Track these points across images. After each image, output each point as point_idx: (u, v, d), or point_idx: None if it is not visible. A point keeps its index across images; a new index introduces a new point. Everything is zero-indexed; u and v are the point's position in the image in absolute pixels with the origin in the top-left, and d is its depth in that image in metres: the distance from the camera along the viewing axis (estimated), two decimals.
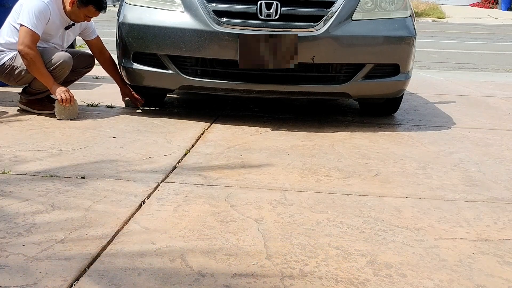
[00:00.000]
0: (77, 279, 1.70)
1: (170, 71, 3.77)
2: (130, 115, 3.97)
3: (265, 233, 2.08)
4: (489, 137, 3.72)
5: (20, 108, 3.93)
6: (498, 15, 20.19)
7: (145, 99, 4.22)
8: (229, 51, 3.61)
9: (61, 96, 3.67)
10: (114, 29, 4.07)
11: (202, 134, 3.53)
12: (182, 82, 3.78)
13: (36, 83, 3.75)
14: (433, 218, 2.30)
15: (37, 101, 3.89)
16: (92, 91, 4.92)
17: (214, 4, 3.66)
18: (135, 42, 3.82)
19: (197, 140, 3.38)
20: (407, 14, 3.88)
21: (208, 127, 3.72)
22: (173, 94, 4.87)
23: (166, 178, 2.66)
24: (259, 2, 3.60)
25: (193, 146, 3.25)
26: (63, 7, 3.76)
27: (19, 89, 3.98)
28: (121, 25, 3.89)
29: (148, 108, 4.24)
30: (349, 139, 3.55)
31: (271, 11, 3.60)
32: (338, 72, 3.79)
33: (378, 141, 3.53)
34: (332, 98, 4.82)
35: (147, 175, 2.68)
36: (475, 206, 2.46)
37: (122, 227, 2.09)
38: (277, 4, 3.60)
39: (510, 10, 22.32)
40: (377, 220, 2.25)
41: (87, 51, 4.22)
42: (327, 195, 2.52)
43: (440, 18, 18.62)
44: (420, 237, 2.11)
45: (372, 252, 1.96)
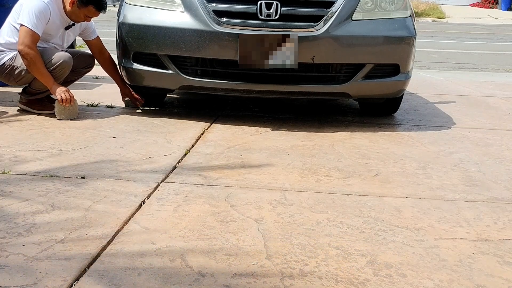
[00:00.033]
0: (77, 279, 1.70)
1: (170, 71, 3.77)
2: (130, 115, 3.97)
3: (265, 233, 2.08)
4: (489, 137, 3.72)
5: (20, 108, 3.93)
6: (498, 15, 20.19)
7: (145, 99, 4.22)
8: (229, 51, 3.61)
9: (61, 96, 3.67)
10: (114, 29, 4.07)
11: (202, 134, 3.53)
12: (182, 82, 3.78)
13: (36, 83, 3.75)
14: (433, 218, 2.30)
15: (37, 101, 3.89)
16: (92, 91, 4.92)
17: (214, 4, 3.66)
18: (135, 42, 3.82)
19: (197, 140, 3.38)
20: (407, 14, 3.88)
21: (208, 127, 3.72)
22: (173, 94, 4.87)
23: (166, 178, 2.66)
24: (259, 2, 3.61)
25: (193, 146, 3.25)
26: (63, 7, 3.76)
27: (19, 89, 3.98)
28: (121, 25, 3.89)
29: (148, 108, 4.24)
30: (349, 139, 3.55)
31: (271, 11, 3.60)
32: (338, 72, 3.79)
33: (378, 141, 3.53)
34: (332, 98, 4.82)
35: (147, 175, 2.68)
36: (475, 206, 2.46)
37: (122, 227, 2.09)
38: (277, 4, 3.60)
39: (510, 10, 22.31)
40: (377, 220, 2.25)
41: (87, 51, 4.22)
42: (327, 195, 2.52)
43: (440, 18, 18.62)
44: (420, 237, 2.11)
45: (372, 252, 1.96)
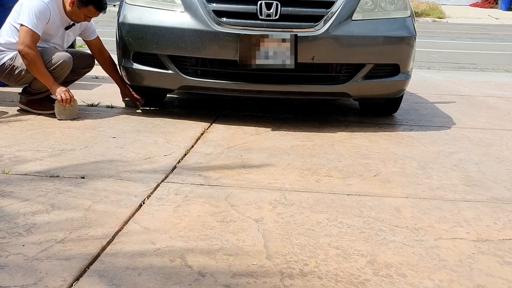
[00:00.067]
0: (77, 279, 1.70)
1: (170, 71, 3.77)
2: (130, 115, 3.97)
3: (265, 233, 2.08)
4: (489, 137, 3.72)
5: (20, 108, 3.93)
6: (498, 15, 20.18)
7: (145, 99, 4.22)
8: (229, 51, 3.61)
9: (61, 96, 3.67)
10: (114, 29, 4.07)
11: (202, 134, 3.53)
12: (182, 82, 3.78)
13: (36, 83, 3.75)
14: (433, 218, 2.30)
15: (37, 101, 3.89)
16: (92, 91, 4.92)
17: (214, 4, 3.66)
18: (135, 42, 3.82)
19: (197, 140, 3.38)
20: (407, 14, 3.88)
21: (208, 127, 3.72)
22: (173, 94, 4.87)
23: (166, 178, 2.66)
24: (259, 2, 3.61)
25: (193, 146, 3.25)
26: (63, 7, 3.76)
27: (19, 89, 3.98)
28: (121, 25, 3.89)
29: (148, 108, 4.24)
30: (349, 139, 3.55)
31: (271, 11, 3.60)
32: (338, 72, 3.79)
33: (378, 141, 3.53)
34: (332, 98, 4.82)
35: (147, 175, 2.68)
36: (475, 206, 2.46)
37: (122, 227, 2.08)
38: (277, 4, 3.60)
39: (510, 10, 22.31)
40: (377, 220, 2.25)
41: (87, 51, 4.22)
42: (327, 195, 2.52)
43: (440, 18, 18.62)
44: (420, 237, 2.11)
45: (372, 252, 1.96)
